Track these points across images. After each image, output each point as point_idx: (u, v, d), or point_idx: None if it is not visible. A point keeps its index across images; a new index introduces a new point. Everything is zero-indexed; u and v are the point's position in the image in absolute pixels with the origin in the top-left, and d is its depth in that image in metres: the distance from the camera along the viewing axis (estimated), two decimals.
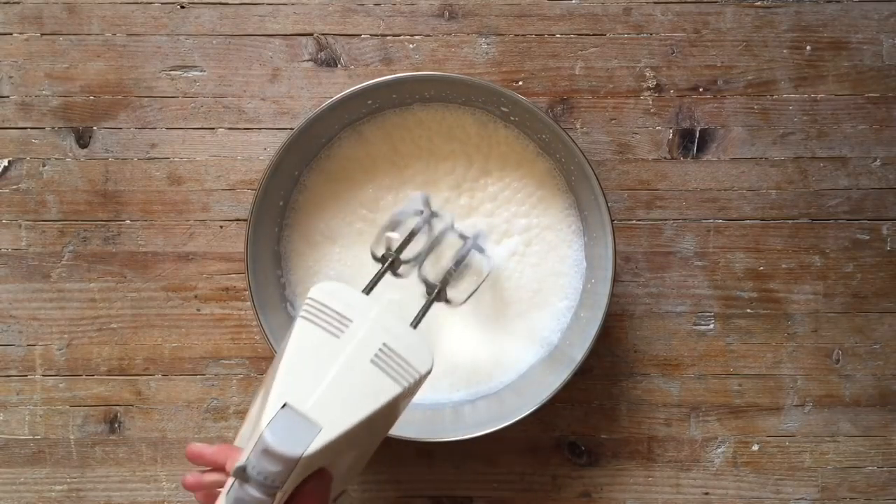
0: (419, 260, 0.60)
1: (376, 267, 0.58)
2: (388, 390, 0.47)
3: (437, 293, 0.57)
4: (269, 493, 0.42)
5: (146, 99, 0.71)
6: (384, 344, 0.48)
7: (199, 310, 0.70)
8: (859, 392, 0.71)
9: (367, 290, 0.55)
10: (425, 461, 0.71)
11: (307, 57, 0.71)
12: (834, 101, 0.71)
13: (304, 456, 0.42)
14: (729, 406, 0.71)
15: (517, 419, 0.62)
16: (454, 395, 0.68)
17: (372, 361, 0.47)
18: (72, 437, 0.71)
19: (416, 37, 0.71)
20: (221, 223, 0.71)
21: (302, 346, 0.47)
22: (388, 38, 0.71)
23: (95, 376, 0.71)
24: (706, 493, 0.71)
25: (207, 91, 0.71)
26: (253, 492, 0.42)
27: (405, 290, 0.65)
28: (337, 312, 0.48)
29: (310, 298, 0.49)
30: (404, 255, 0.59)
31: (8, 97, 0.71)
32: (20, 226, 0.71)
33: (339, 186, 0.68)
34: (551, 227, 0.68)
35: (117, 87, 0.71)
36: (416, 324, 0.55)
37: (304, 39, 0.71)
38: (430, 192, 0.68)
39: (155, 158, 0.71)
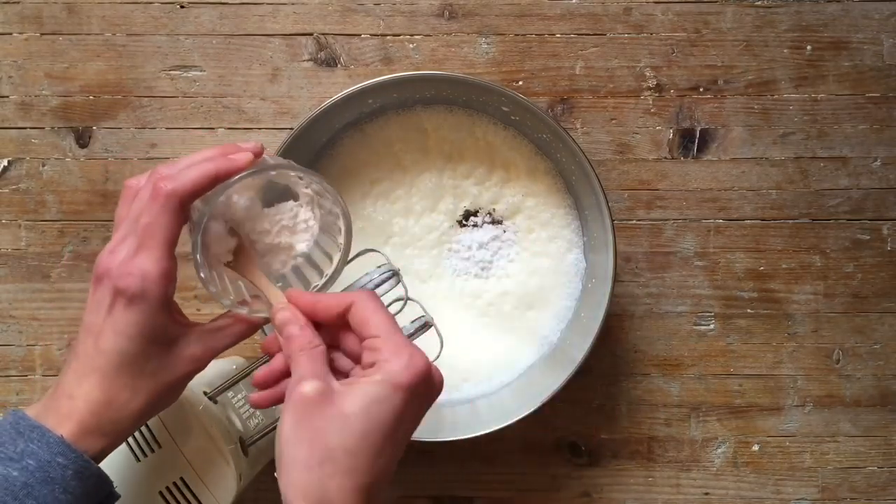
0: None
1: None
2: None
3: None
4: None
5: (146, 99, 0.71)
6: None
7: (199, 309, 0.70)
8: (860, 392, 0.71)
9: None
10: (425, 461, 0.71)
11: (307, 57, 0.71)
12: (834, 100, 0.71)
13: None
14: (729, 406, 0.71)
15: (517, 419, 0.62)
16: (455, 395, 0.68)
17: None
18: None
19: (416, 37, 0.71)
20: None
21: None
22: (388, 37, 0.71)
23: None
24: (706, 494, 0.71)
25: (207, 91, 0.71)
26: None
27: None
28: None
29: None
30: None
31: (7, 97, 0.70)
32: (20, 226, 0.71)
33: (340, 186, 0.68)
34: (551, 226, 0.68)
35: (117, 87, 0.71)
36: None
37: (303, 39, 0.71)
38: (430, 193, 0.68)
39: (155, 158, 0.71)
